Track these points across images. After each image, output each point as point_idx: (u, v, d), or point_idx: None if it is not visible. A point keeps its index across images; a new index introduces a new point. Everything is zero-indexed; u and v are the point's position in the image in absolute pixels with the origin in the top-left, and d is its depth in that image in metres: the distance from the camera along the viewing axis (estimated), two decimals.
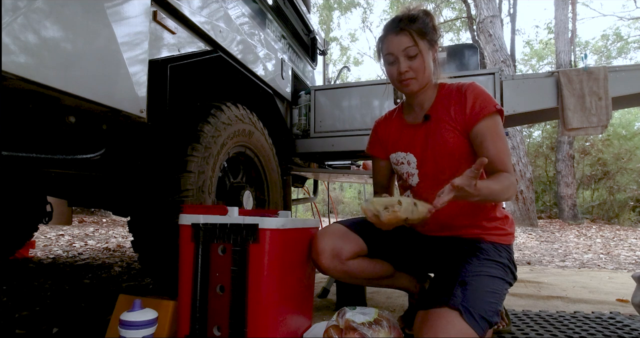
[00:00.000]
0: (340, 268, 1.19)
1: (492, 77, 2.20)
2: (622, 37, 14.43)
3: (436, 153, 1.17)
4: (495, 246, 1.14)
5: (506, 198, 1.08)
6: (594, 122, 2.12)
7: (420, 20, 1.13)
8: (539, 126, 12.22)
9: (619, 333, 1.30)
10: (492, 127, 1.11)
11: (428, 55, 1.14)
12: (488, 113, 1.11)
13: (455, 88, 1.19)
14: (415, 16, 1.14)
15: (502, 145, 1.10)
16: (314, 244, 1.20)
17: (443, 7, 13.59)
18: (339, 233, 1.22)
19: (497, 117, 1.13)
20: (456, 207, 1.15)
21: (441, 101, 1.19)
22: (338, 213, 12.05)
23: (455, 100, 1.16)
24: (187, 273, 1.06)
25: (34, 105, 0.99)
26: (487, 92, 1.16)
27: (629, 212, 8.97)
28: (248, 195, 1.73)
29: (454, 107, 1.15)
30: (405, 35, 1.11)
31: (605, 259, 3.55)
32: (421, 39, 1.12)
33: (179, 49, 1.41)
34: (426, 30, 1.13)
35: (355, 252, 1.20)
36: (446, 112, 1.16)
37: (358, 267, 1.21)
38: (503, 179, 1.04)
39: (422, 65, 1.12)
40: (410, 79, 1.14)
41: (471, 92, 1.14)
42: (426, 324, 0.95)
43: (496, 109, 1.11)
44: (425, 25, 1.14)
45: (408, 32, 1.11)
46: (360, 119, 2.42)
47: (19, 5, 0.82)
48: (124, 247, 3.67)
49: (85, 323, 1.38)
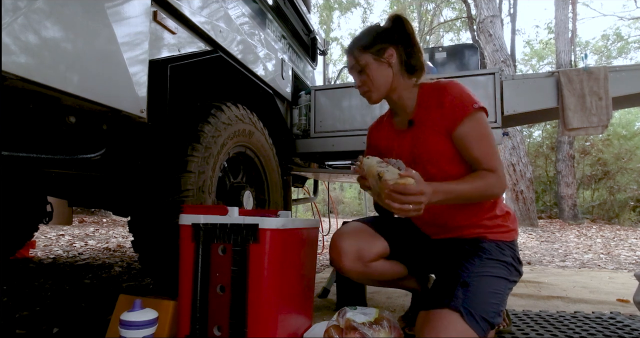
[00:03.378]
0: (361, 270, 1.17)
1: (492, 77, 2.20)
2: (623, 37, 14.44)
3: (423, 158, 1.15)
4: (498, 244, 1.13)
5: (488, 197, 1.08)
6: (594, 122, 2.12)
7: (364, 36, 1.19)
8: (539, 126, 12.21)
9: (619, 334, 1.30)
10: (474, 127, 1.08)
11: (376, 66, 1.16)
12: (467, 114, 1.07)
13: (434, 89, 1.15)
14: (361, 34, 1.21)
15: (486, 145, 1.08)
16: (336, 244, 1.18)
17: (443, 7, 13.59)
18: (364, 234, 1.20)
19: (478, 115, 1.09)
20: (454, 208, 1.15)
21: (422, 104, 1.17)
22: (338, 213, 12.05)
23: (435, 102, 1.13)
24: (188, 273, 1.06)
25: (34, 105, 0.98)
26: (466, 91, 1.11)
27: (629, 212, 8.96)
28: (248, 195, 1.73)
29: (434, 110, 1.13)
30: (350, 55, 1.20)
31: (606, 259, 3.55)
32: (363, 53, 1.16)
33: (179, 49, 1.41)
34: (368, 43, 1.16)
35: (379, 254, 1.19)
36: (427, 116, 1.14)
37: (379, 269, 1.20)
38: (478, 178, 1.03)
39: (370, 78, 1.16)
40: (366, 92, 1.20)
41: (448, 93, 1.11)
42: (427, 325, 0.95)
43: (474, 109, 1.07)
44: (368, 39, 1.17)
45: (351, 51, 1.19)
46: (360, 119, 2.42)
47: (19, 6, 0.82)
48: (124, 247, 3.67)
49: (85, 323, 1.38)
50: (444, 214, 1.17)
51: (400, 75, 1.17)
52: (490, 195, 1.08)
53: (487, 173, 1.05)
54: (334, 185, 12.83)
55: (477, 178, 1.04)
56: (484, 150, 1.07)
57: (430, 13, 13.49)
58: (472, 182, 1.03)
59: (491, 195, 1.08)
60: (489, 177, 1.04)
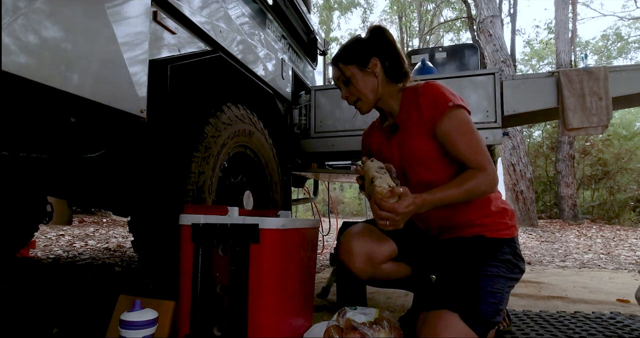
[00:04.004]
0: (371, 272, 1.18)
1: (492, 77, 2.20)
2: (623, 37, 14.44)
3: (410, 162, 1.16)
4: (497, 242, 1.12)
5: (478, 196, 1.08)
6: (594, 122, 2.12)
7: (347, 48, 1.20)
8: (539, 126, 12.21)
9: (619, 334, 1.30)
10: (453, 125, 1.07)
11: (362, 76, 1.17)
12: (443, 112, 1.07)
13: (412, 92, 1.16)
14: (344, 46, 1.23)
15: (469, 142, 1.06)
16: (346, 245, 1.18)
17: (443, 7, 13.60)
18: (373, 236, 1.19)
19: (458, 112, 1.08)
20: (448, 210, 1.14)
21: (404, 107, 1.18)
22: (338, 213, 12.05)
23: (414, 104, 1.14)
24: (188, 273, 1.06)
25: (34, 105, 0.99)
26: (442, 90, 1.11)
27: (630, 212, 8.97)
28: (248, 195, 1.73)
29: (414, 112, 1.14)
30: (335, 68, 1.22)
31: (606, 259, 3.55)
32: (348, 65, 1.18)
33: (179, 49, 1.41)
34: (352, 55, 1.18)
35: (389, 255, 1.19)
36: (409, 119, 1.15)
37: (388, 270, 1.20)
38: (465, 179, 1.03)
39: (357, 88, 1.18)
40: (355, 103, 1.22)
41: (423, 93, 1.12)
42: (427, 325, 0.95)
43: (449, 107, 1.07)
44: (351, 51, 1.19)
45: (336, 63, 1.22)
46: (360, 119, 2.41)
47: (19, 6, 0.82)
48: (124, 247, 3.67)
49: (85, 323, 1.38)
50: (440, 216, 1.17)
51: (385, 83, 1.19)
52: (480, 194, 1.07)
53: (475, 172, 1.04)
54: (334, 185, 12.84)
55: (464, 180, 1.03)
56: (467, 146, 1.06)
57: (430, 13, 13.50)
58: (459, 185, 1.02)
59: (481, 194, 1.07)
60: (476, 176, 1.03)
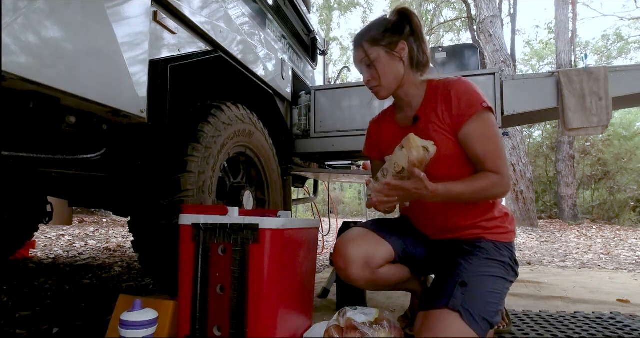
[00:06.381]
0: (369, 278, 1.14)
1: (493, 77, 2.20)
2: (623, 37, 14.43)
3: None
4: (496, 245, 1.13)
5: (488, 197, 1.08)
6: (594, 122, 2.12)
7: (374, 29, 1.14)
8: (539, 126, 12.21)
9: (620, 334, 1.30)
10: (481, 127, 1.06)
11: (388, 60, 1.12)
12: (475, 112, 1.06)
13: (442, 85, 1.13)
14: (369, 26, 1.17)
15: (491, 145, 1.06)
16: (341, 252, 1.14)
17: (443, 7, 13.59)
18: (370, 240, 1.17)
19: (486, 114, 1.07)
20: (452, 210, 1.14)
21: (429, 100, 1.14)
22: (338, 214, 12.04)
23: (442, 99, 1.11)
24: (187, 273, 1.06)
25: (34, 105, 0.98)
26: (474, 89, 1.09)
27: (630, 212, 8.97)
28: (248, 195, 1.73)
29: (441, 107, 1.10)
30: (359, 48, 1.15)
31: (606, 259, 3.55)
32: (374, 46, 1.12)
33: (180, 49, 1.41)
34: (379, 36, 1.12)
35: (387, 259, 1.16)
36: (434, 113, 1.12)
37: (386, 275, 1.17)
38: (480, 179, 1.03)
39: (381, 73, 1.13)
40: (375, 87, 1.16)
41: (457, 90, 1.09)
42: (426, 325, 0.95)
43: (483, 108, 1.06)
44: (378, 32, 1.13)
45: (360, 44, 1.14)
46: (360, 119, 2.42)
47: (19, 6, 0.82)
48: (124, 247, 3.67)
49: (85, 323, 1.38)
50: (442, 215, 1.17)
51: (409, 70, 1.15)
52: (491, 196, 1.07)
53: (490, 174, 1.04)
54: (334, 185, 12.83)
55: (479, 179, 1.03)
56: (488, 150, 1.05)
57: (430, 13, 13.48)
58: (473, 183, 1.02)
59: (492, 196, 1.07)
60: (491, 177, 1.03)
